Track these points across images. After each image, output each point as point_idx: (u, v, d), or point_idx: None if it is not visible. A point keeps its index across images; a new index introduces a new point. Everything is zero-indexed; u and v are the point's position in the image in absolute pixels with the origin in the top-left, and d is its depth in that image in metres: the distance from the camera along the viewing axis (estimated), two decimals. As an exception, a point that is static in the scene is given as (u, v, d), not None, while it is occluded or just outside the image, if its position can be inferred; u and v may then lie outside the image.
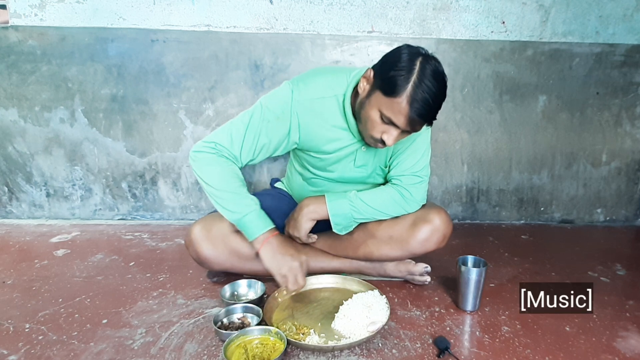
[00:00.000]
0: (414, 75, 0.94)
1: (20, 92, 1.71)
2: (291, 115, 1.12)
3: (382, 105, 0.98)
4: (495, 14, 1.71)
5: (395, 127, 1.00)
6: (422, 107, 0.94)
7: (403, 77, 0.94)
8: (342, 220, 1.21)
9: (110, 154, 1.80)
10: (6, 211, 1.86)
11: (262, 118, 1.12)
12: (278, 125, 1.13)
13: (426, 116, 0.97)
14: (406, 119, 0.96)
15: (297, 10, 1.67)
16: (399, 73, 0.94)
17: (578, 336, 1.07)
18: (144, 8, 1.65)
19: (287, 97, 1.11)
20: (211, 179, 1.11)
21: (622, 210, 1.97)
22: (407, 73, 0.94)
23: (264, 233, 1.11)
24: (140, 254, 1.53)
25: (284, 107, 1.12)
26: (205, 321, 1.10)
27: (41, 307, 1.16)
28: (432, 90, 0.94)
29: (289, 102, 1.11)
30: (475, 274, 1.13)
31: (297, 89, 1.12)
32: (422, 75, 0.94)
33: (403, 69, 0.94)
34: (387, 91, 0.96)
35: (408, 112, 0.95)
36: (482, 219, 1.96)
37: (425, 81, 0.93)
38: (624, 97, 1.83)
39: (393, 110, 0.96)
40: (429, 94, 0.94)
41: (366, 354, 0.98)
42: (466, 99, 1.80)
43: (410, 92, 0.94)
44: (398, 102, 0.95)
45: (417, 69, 0.94)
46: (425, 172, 1.22)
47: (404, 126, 0.98)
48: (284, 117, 1.12)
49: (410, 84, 0.93)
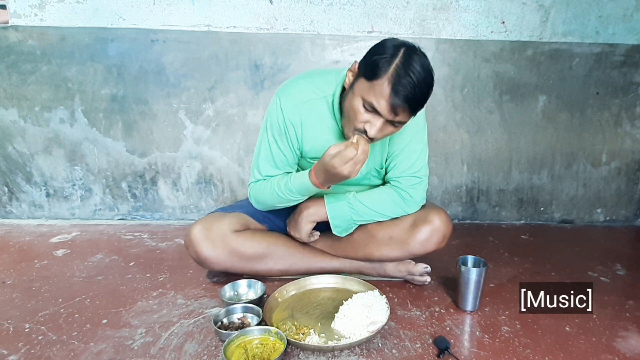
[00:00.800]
0: (397, 59, 0.92)
1: (20, 92, 1.71)
2: (286, 126, 1.13)
3: (364, 91, 0.96)
4: (495, 14, 1.71)
5: (378, 116, 0.97)
6: (404, 89, 0.92)
7: (385, 60, 0.93)
8: (342, 222, 1.21)
9: (110, 154, 1.80)
10: (6, 211, 1.86)
11: (269, 140, 1.15)
12: (283, 139, 1.15)
13: (409, 100, 0.93)
14: (387, 102, 0.93)
15: (297, 10, 1.67)
16: (382, 57, 0.93)
17: (578, 336, 1.07)
18: (144, 8, 1.65)
19: (277, 110, 1.12)
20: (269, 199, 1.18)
21: (622, 210, 1.97)
22: (390, 57, 0.93)
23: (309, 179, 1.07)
24: (140, 254, 1.53)
25: (278, 121, 1.13)
26: (205, 321, 1.10)
27: (41, 307, 1.16)
28: (415, 74, 0.92)
29: (280, 114, 1.12)
30: (475, 274, 1.13)
31: (283, 98, 1.12)
32: (405, 60, 0.92)
33: (386, 54, 0.94)
34: (368, 75, 0.95)
35: (389, 94, 0.92)
36: (482, 219, 1.96)
37: (408, 65, 0.92)
38: (624, 97, 1.83)
39: (375, 93, 0.94)
40: (411, 77, 0.92)
41: (366, 354, 0.98)
42: (466, 99, 1.80)
43: (392, 73, 0.92)
44: (379, 84, 0.93)
45: (400, 54, 0.93)
46: (424, 172, 1.22)
47: (386, 112, 0.95)
48: (282, 130, 1.14)
49: (393, 66, 0.92)
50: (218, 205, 1.86)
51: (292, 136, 1.14)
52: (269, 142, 1.16)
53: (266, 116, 1.17)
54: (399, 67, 0.92)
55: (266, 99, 1.75)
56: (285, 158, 1.17)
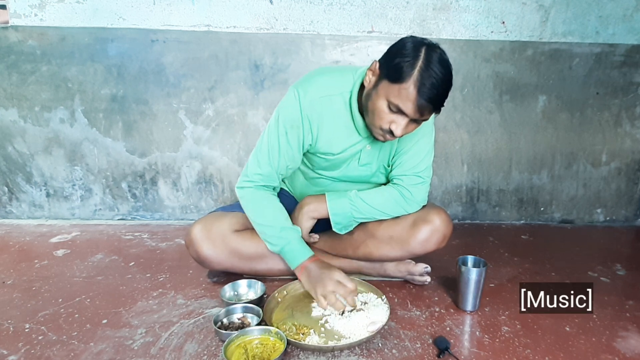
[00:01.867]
0: (420, 61, 0.94)
1: (20, 92, 1.71)
2: (302, 119, 1.12)
3: (390, 93, 0.97)
4: (495, 14, 1.71)
5: (403, 116, 0.99)
6: (430, 91, 0.94)
7: (409, 63, 0.94)
8: (342, 219, 1.21)
9: (110, 154, 1.80)
10: (6, 211, 1.86)
11: (279, 132, 1.14)
12: (294, 133, 1.14)
13: (435, 101, 0.96)
14: (414, 104, 0.95)
15: (297, 10, 1.67)
16: (405, 59, 0.94)
17: (578, 336, 1.07)
18: (144, 8, 1.65)
19: (295, 102, 1.11)
20: (254, 215, 1.19)
21: (622, 210, 1.97)
22: (412, 59, 0.94)
23: (303, 262, 1.14)
24: (140, 254, 1.53)
25: (294, 113, 1.12)
26: (205, 321, 1.10)
27: (41, 307, 1.16)
28: (438, 75, 0.94)
29: (297, 107, 1.11)
30: (475, 274, 1.13)
31: (302, 91, 1.11)
32: (428, 61, 0.93)
33: (408, 56, 0.94)
34: (393, 78, 0.96)
35: (416, 97, 0.94)
36: (482, 219, 1.96)
37: (431, 66, 0.93)
38: (624, 97, 1.83)
39: (401, 96, 0.96)
40: (435, 78, 0.93)
41: (366, 354, 0.98)
42: (466, 99, 1.80)
43: (417, 76, 0.93)
44: (405, 88, 0.94)
45: (422, 55, 0.94)
46: (427, 173, 1.22)
47: (412, 113, 0.97)
48: (297, 124, 1.13)
49: (417, 69, 0.93)
50: (218, 205, 1.86)
51: (305, 130, 1.13)
52: (278, 134, 1.14)
53: (278, 109, 1.15)
54: (422, 69, 0.93)
55: (266, 99, 1.75)
56: (288, 155, 1.16)
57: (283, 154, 1.15)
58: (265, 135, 1.16)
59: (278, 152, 1.15)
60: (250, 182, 1.18)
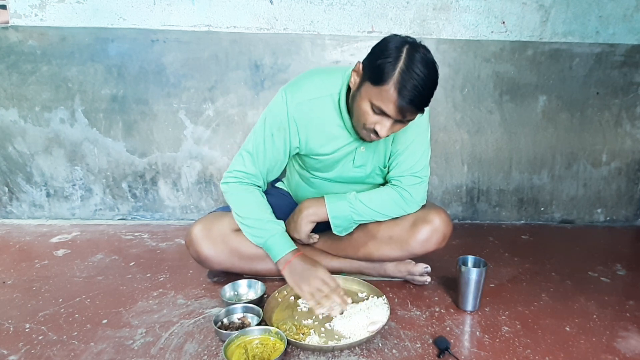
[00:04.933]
0: (401, 62, 0.92)
1: (21, 92, 1.71)
2: (289, 122, 1.13)
3: (372, 95, 0.97)
4: (495, 14, 1.71)
5: (387, 117, 0.98)
6: (411, 93, 0.92)
7: (390, 64, 0.93)
8: (342, 222, 1.21)
9: (110, 154, 1.80)
10: (6, 211, 1.86)
11: (265, 134, 1.15)
12: (280, 135, 1.14)
13: (416, 103, 0.94)
14: (395, 106, 0.94)
15: (297, 10, 1.67)
16: (386, 61, 0.93)
17: (578, 336, 1.07)
18: (144, 8, 1.65)
19: (282, 105, 1.12)
20: (237, 208, 1.19)
21: (622, 210, 1.97)
22: (394, 60, 0.93)
23: (286, 254, 1.14)
24: (140, 254, 1.53)
25: (281, 116, 1.13)
26: (205, 321, 1.10)
27: (41, 307, 1.16)
28: (420, 75, 0.92)
29: (285, 109, 1.12)
30: (475, 274, 1.13)
31: (290, 94, 1.12)
32: (409, 61, 0.92)
33: (390, 57, 0.93)
34: (374, 80, 0.95)
35: (397, 99, 0.93)
36: (482, 219, 1.96)
37: (412, 67, 0.92)
38: (624, 97, 1.83)
39: (382, 98, 0.95)
40: (417, 79, 0.92)
41: (366, 354, 0.98)
42: (466, 99, 1.80)
43: (398, 78, 0.92)
44: (386, 90, 0.93)
45: (403, 55, 0.93)
46: (425, 172, 1.22)
47: (394, 115, 0.96)
48: (283, 126, 1.13)
49: (397, 71, 0.92)
50: (218, 205, 1.86)
51: (292, 133, 1.14)
52: (264, 135, 1.15)
53: (266, 111, 1.16)
54: (403, 70, 0.92)
55: (266, 99, 1.75)
56: (273, 157, 1.17)
57: (268, 155, 1.17)
58: (252, 136, 1.18)
59: (263, 153, 1.17)
60: (234, 178, 1.20)
